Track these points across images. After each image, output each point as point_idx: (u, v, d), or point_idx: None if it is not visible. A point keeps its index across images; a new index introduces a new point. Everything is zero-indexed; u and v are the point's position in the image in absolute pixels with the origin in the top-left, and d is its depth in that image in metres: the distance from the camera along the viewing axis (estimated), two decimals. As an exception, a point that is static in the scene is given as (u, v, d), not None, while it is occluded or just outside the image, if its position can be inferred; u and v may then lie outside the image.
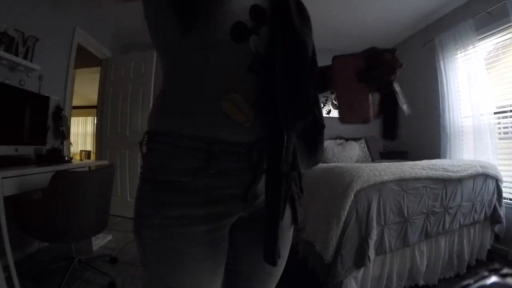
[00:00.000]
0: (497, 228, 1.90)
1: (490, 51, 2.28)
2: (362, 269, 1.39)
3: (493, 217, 1.86)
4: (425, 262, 1.58)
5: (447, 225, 1.63)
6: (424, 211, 1.55)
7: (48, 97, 2.10)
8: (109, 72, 3.22)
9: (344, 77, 0.51)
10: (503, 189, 1.95)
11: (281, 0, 0.48)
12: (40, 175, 1.55)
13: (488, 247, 1.92)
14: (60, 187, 1.34)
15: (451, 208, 1.64)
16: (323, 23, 3.06)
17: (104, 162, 2.45)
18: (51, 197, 1.34)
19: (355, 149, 3.07)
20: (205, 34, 0.43)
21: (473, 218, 1.75)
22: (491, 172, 1.83)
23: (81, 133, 6.27)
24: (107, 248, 2.16)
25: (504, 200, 1.96)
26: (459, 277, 1.71)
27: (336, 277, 1.31)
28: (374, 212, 1.39)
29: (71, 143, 2.75)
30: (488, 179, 1.83)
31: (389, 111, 0.53)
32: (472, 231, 1.81)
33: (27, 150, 1.89)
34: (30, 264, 1.77)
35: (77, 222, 1.41)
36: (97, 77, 3.37)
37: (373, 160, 3.23)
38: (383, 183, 1.47)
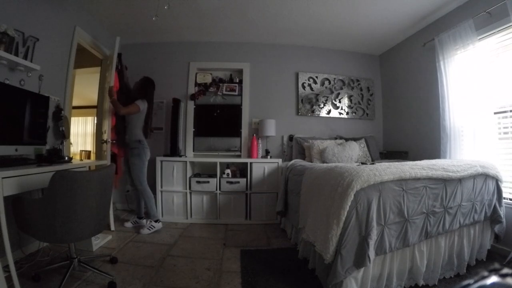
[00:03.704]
0: (497, 228, 1.90)
1: (490, 51, 2.28)
2: (362, 269, 1.39)
3: (493, 217, 1.87)
4: (425, 262, 1.59)
5: (447, 225, 1.63)
6: (424, 211, 1.55)
7: (48, 97, 2.10)
8: (108, 71, 3.21)
9: None
10: (503, 189, 1.96)
11: None
12: (40, 175, 1.55)
13: (488, 247, 1.92)
14: (60, 187, 1.34)
15: (451, 208, 1.64)
16: (323, 23, 3.06)
17: (104, 162, 2.45)
18: (51, 197, 1.34)
19: (355, 149, 3.07)
20: None
21: (473, 218, 1.75)
22: (491, 172, 1.83)
23: (81, 133, 6.26)
24: (107, 248, 2.17)
25: (504, 200, 1.97)
26: (459, 277, 1.71)
27: (336, 277, 1.31)
28: (374, 212, 1.39)
29: (71, 143, 2.75)
30: (488, 179, 1.83)
31: None
32: (472, 231, 1.81)
33: (27, 150, 1.89)
34: (30, 264, 1.77)
35: (77, 222, 1.41)
36: (97, 77, 3.36)
37: (373, 160, 3.22)
38: (383, 183, 1.47)
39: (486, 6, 2.17)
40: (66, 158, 2.07)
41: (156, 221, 2.64)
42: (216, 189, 2.95)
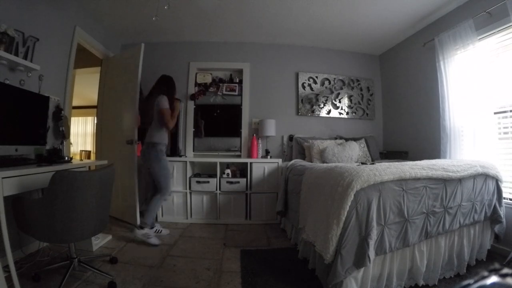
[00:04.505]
0: (497, 228, 1.90)
1: (490, 51, 2.28)
2: (362, 269, 1.39)
3: (493, 217, 1.87)
4: (425, 262, 1.59)
5: (447, 225, 1.63)
6: (424, 211, 1.55)
7: (48, 97, 2.10)
8: (110, 71, 3.21)
9: None
10: (503, 189, 1.96)
11: None
12: (40, 175, 1.55)
13: (488, 247, 1.92)
14: (60, 187, 1.34)
15: (451, 208, 1.64)
16: (323, 23, 3.06)
17: (104, 162, 2.45)
18: (51, 197, 1.34)
19: (355, 149, 3.07)
20: None
21: (473, 218, 1.75)
22: (491, 172, 1.83)
23: (81, 133, 6.27)
24: (107, 248, 2.17)
25: (504, 200, 1.97)
26: (459, 277, 1.71)
27: (336, 277, 1.31)
28: (374, 212, 1.39)
29: (71, 143, 2.75)
30: (488, 179, 1.83)
31: None
32: (472, 231, 1.81)
33: (27, 150, 1.89)
34: (30, 264, 1.77)
35: (76, 222, 1.41)
36: (97, 77, 3.37)
37: (373, 160, 3.22)
38: (383, 183, 1.47)
39: (486, 6, 2.17)
40: (66, 158, 2.07)
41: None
42: (216, 189, 2.95)
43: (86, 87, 4.32)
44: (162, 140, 2.47)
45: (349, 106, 3.74)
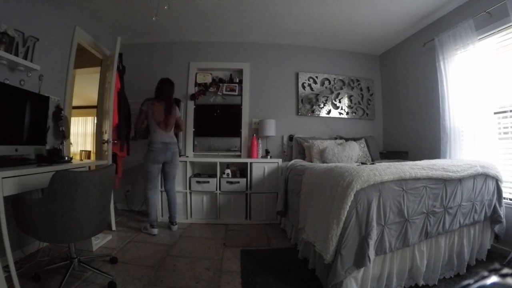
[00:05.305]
0: (497, 228, 1.90)
1: (490, 51, 2.28)
2: (362, 269, 1.39)
3: (493, 217, 1.87)
4: (425, 262, 1.59)
5: (447, 225, 1.63)
6: (424, 211, 1.55)
7: (48, 97, 2.10)
8: (108, 71, 3.21)
9: None
10: (503, 189, 1.96)
11: None
12: (40, 175, 1.55)
13: (488, 247, 1.92)
14: (60, 187, 1.33)
15: (451, 208, 1.64)
16: (323, 23, 3.06)
17: (104, 162, 2.45)
18: (51, 197, 1.34)
19: (355, 149, 3.07)
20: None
21: (473, 218, 1.75)
22: (491, 172, 1.83)
23: (81, 133, 6.26)
24: (107, 248, 2.17)
25: (504, 200, 1.97)
26: (459, 277, 1.71)
27: (336, 277, 1.31)
28: (374, 212, 1.39)
29: (71, 143, 2.75)
30: (488, 179, 1.83)
31: None
32: (472, 231, 1.81)
33: (27, 150, 1.89)
34: (30, 264, 1.77)
35: (76, 222, 1.41)
36: (97, 77, 3.36)
37: (373, 160, 3.22)
38: (383, 183, 1.47)
39: (486, 6, 2.17)
40: (66, 158, 2.07)
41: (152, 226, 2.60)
42: (216, 189, 2.95)
43: (86, 87, 4.31)
44: None
45: (349, 106, 3.74)
